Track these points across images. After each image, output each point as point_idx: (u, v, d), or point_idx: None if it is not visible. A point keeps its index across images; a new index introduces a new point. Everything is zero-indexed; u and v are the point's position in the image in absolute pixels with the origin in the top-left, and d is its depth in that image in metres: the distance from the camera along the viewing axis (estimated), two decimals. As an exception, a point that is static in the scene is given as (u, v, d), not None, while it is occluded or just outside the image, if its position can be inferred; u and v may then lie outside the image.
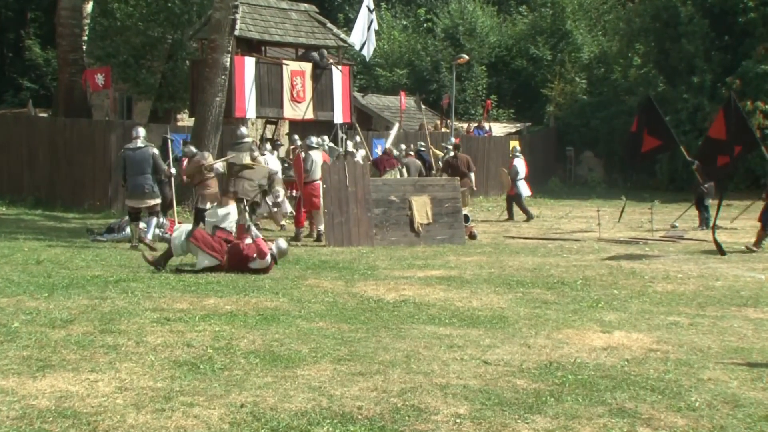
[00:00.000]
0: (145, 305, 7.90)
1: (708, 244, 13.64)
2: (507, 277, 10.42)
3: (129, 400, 5.02)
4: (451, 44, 35.35)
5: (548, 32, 35.82)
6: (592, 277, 10.50)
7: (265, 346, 6.39)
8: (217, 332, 6.82)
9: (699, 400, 5.29)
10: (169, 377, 5.50)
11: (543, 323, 7.61)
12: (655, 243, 14.75)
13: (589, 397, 5.29)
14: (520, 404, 5.12)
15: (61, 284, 8.94)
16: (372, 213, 13.92)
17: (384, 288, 9.31)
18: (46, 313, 7.40)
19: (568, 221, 19.38)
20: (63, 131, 19.05)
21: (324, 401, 5.08)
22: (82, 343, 6.31)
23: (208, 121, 16.44)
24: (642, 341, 6.95)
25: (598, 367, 6.06)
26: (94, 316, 7.35)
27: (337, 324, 7.33)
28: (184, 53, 22.15)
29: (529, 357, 6.30)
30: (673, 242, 14.82)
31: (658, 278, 10.47)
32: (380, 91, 33.01)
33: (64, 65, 21.08)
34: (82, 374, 5.51)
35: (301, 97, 19.45)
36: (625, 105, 30.40)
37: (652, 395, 5.39)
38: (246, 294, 8.68)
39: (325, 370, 5.76)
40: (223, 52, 16.40)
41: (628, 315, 8.11)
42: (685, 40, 27.82)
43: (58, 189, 18.70)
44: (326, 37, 20.54)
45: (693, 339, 7.09)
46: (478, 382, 5.57)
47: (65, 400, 4.97)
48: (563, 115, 32.50)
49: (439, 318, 7.76)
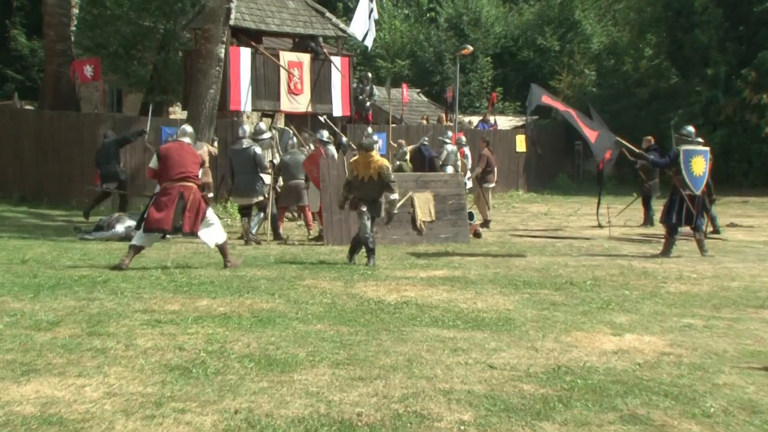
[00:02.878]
0: (134, 306, 7.88)
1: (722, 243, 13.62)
2: (513, 277, 10.39)
3: (118, 406, 4.99)
4: (455, 34, 35.35)
5: (556, 22, 35.80)
6: (603, 277, 10.48)
7: (260, 350, 6.36)
8: (210, 335, 6.80)
9: (714, 406, 5.26)
10: (160, 382, 5.48)
11: (551, 325, 7.59)
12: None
13: (600, 403, 5.27)
14: (527, 410, 5.10)
15: (47, 284, 8.92)
16: (372, 210, 13.87)
17: (385, 289, 9.28)
18: (31, 314, 7.37)
19: (576, 218, 19.38)
20: (50, 124, 19.03)
21: (322, 407, 5.05)
22: (68, 347, 6.29)
23: (202, 114, 16.43)
24: (654, 344, 6.92)
25: (608, 371, 6.03)
26: (82, 317, 7.32)
27: (335, 326, 7.31)
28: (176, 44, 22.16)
29: (537, 361, 6.27)
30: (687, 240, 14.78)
31: (671, 278, 10.46)
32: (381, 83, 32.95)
33: (52, 56, 21.06)
34: (69, 379, 5.49)
35: (299, 89, 19.42)
36: (635, 98, 30.37)
37: (666, 401, 5.36)
38: (240, 295, 8.66)
39: (324, 375, 5.74)
40: (217, 42, 16.39)
41: (640, 317, 8.09)
42: (698, 30, 27.78)
43: (45, 185, 18.70)
44: (325, 26, 20.52)
45: (708, 342, 7.06)
46: (483, 388, 5.54)
47: (51, 406, 4.94)
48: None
49: (443, 320, 7.73)
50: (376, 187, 11.03)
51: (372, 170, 10.97)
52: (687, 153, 12.67)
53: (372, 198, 11.12)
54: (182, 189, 10.22)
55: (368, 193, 11.10)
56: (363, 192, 11.13)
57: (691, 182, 12.59)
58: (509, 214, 20.59)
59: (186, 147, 10.54)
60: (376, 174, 10.95)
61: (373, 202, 11.15)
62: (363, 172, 11.02)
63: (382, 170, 10.97)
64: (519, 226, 17.76)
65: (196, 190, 10.34)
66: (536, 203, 24.72)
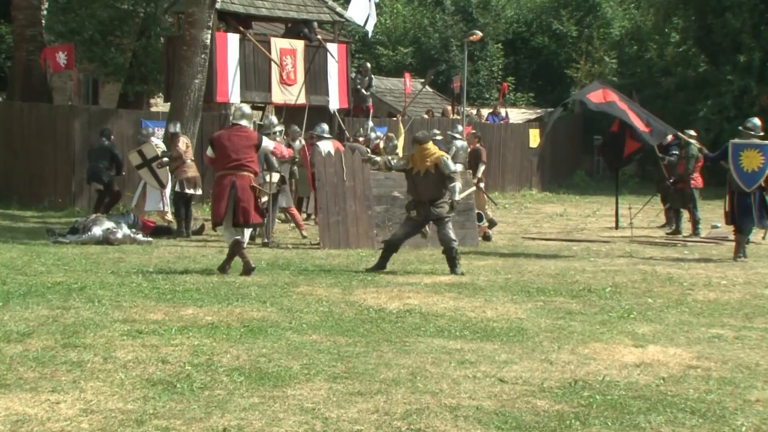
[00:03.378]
0: (113, 316, 7.91)
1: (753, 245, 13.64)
2: (526, 283, 10.42)
3: (95, 424, 5.02)
4: (463, 19, 35.39)
5: (573, 5, 35.86)
6: (623, 283, 10.51)
7: (250, 362, 6.39)
8: (197, 346, 6.83)
9: (746, 425, 5.29)
10: (142, 398, 5.51)
11: (567, 336, 7.61)
12: (696, 245, 14.77)
13: (620, 421, 5.30)
14: (541, 428, 5.13)
15: (18, 292, 8.95)
16: (372, 211, 13.92)
17: (386, 296, 9.31)
18: (0, 325, 7.40)
19: (595, 220, 19.40)
20: (20, 117, 19.07)
21: (318, 425, 5.08)
22: (41, 359, 6.32)
23: (186, 106, 16.46)
24: (680, 357, 6.95)
25: (629, 386, 6.06)
26: (56, 328, 7.35)
27: (332, 337, 7.34)
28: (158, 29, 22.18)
29: (552, 375, 6.30)
30: (716, 244, 14.83)
31: (698, 285, 10.48)
32: (382, 73, 33.02)
33: (21, 42, 21.11)
34: (42, 395, 5.51)
35: (292, 79, 19.43)
36: (661, 88, 30.36)
37: (692, 418, 5.39)
38: (229, 303, 8.69)
39: (319, 390, 5.77)
40: (202, 27, 16.41)
41: (665, 327, 8.11)
42: (729, 13, 27.79)
43: (14, 183, 18.71)
44: (320, 10, 20.54)
45: (739, 354, 7.09)
46: (493, 403, 5.57)
47: (22, 425, 4.97)
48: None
49: (449, 330, 7.76)
50: (432, 181, 11.20)
51: (429, 163, 11.19)
52: (736, 147, 12.74)
53: (429, 197, 11.23)
54: (235, 178, 10.53)
55: (424, 190, 11.25)
56: (419, 190, 11.29)
57: (740, 178, 12.63)
58: (521, 215, 20.59)
59: (241, 131, 10.79)
60: (433, 166, 11.17)
61: (430, 204, 11.25)
62: (420, 165, 11.27)
63: (439, 162, 11.18)
64: (532, 228, 17.78)
65: (249, 178, 10.64)
66: (551, 203, 24.74)
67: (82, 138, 18.11)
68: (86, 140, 18.01)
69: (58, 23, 22.04)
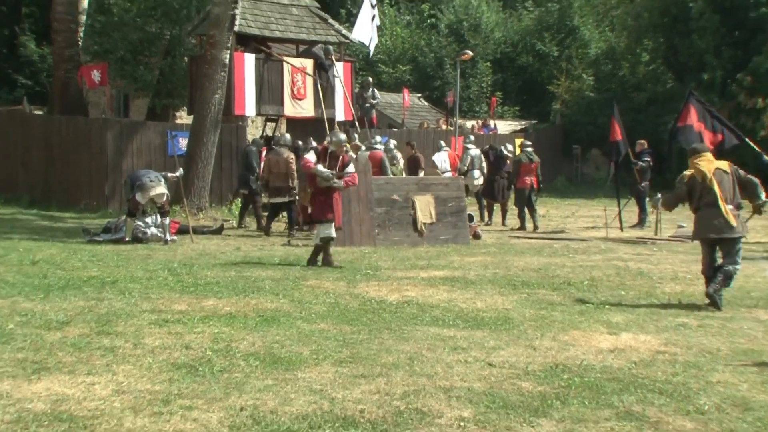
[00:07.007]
0: (142, 306, 7.92)
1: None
2: (512, 277, 10.42)
3: (126, 403, 5.03)
4: (456, 40, 35.36)
5: (555, 28, 35.80)
6: (599, 277, 10.51)
7: (265, 348, 6.40)
8: (217, 334, 6.84)
9: (708, 403, 5.29)
10: (167, 380, 5.52)
11: (549, 325, 7.62)
12: (663, 243, 14.77)
13: (596, 400, 5.30)
14: (526, 407, 5.13)
15: (57, 285, 8.96)
16: (374, 212, 13.90)
17: (386, 289, 9.32)
18: (41, 314, 7.42)
19: (574, 220, 19.38)
20: (59, 129, 19.09)
21: (325, 404, 5.09)
22: (78, 345, 6.33)
23: (207, 118, 16.51)
24: (650, 343, 6.95)
25: (604, 369, 6.06)
26: (91, 317, 7.37)
27: (338, 325, 7.34)
28: (182, 49, 22.17)
29: (535, 359, 6.31)
30: (681, 242, 14.81)
31: (666, 279, 10.48)
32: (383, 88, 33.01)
33: (60, 61, 21.12)
34: (79, 377, 5.53)
35: (302, 94, 19.47)
36: (633, 102, 30.35)
37: (660, 398, 5.39)
38: (246, 295, 8.70)
39: (327, 373, 5.77)
40: (222, 48, 16.45)
41: (636, 316, 8.11)
42: (695, 35, 27.77)
43: (54, 188, 18.74)
44: (328, 33, 20.57)
45: (702, 341, 7.09)
46: (483, 385, 5.58)
47: (61, 404, 4.99)
48: (570, 112, 32.47)
49: (443, 319, 7.77)
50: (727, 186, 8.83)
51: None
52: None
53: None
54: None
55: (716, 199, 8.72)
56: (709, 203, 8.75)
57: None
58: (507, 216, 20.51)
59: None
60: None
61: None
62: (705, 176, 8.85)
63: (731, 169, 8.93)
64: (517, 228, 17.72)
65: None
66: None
67: (114, 147, 18.13)
68: (118, 149, 18.06)
69: (93, 44, 22.06)
